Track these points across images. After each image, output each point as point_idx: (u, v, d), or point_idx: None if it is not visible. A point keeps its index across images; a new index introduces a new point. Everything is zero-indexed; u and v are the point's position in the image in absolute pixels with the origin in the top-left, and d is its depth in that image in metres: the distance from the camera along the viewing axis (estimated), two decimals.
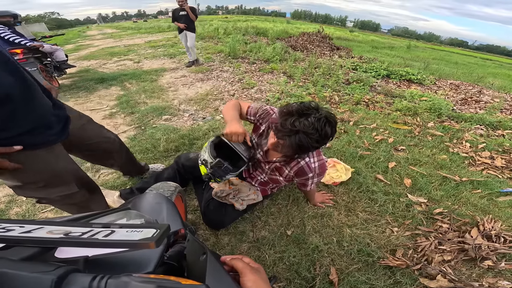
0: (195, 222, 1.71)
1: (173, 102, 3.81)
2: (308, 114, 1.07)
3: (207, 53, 7.27)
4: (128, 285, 0.33)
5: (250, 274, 0.54)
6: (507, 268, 1.54)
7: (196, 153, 1.81)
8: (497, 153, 2.86)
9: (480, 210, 2.01)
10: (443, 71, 8.26)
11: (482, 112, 4.29)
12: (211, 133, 2.85)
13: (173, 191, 1.18)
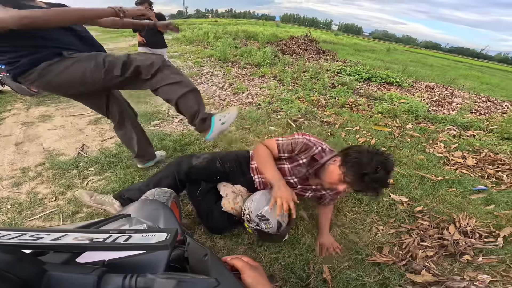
0: (190, 227, 1.66)
1: (161, 107, 3.53)
2: (378, 169, 1.12)
3: (197, 57, 6.86)
4: (154, 281, 0.35)
5: (249, 271, 0.56)
6: (485, 262, 1.57)
7: (198, 157, 1.63)
8: (468, 153, 2.92)
9: (456, 207, 2.04)
10: (419, 73, 8.34)
11: (454, 113, 4.36)
12: (202, 138, 2.67)
13: (169, 197, 1.13)
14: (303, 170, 1.44)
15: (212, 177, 1.72)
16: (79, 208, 1.76)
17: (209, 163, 1.59)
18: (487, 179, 2.45)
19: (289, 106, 3.55)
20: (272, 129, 2.97)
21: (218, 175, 1.68)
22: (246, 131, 2.93)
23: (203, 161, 1.59)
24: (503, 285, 1.45)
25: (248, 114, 3.29)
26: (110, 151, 2.39)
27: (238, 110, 2.07)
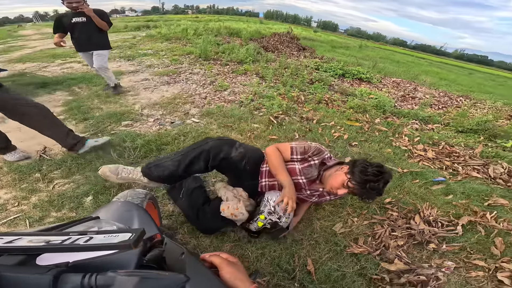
0: (171, 227, 1.55)
1: (133, 107, 3.17)
2: (380, 179, 1.21)
3: (174, 55, 6.13)
4: (115, 279, 0.33)
5: (227, 267, 0.53)
6: (449, 250, 1.60)
7: (237, 148, 1.42)
8: (428, 146, 2.94)
9: (420, 198, 2.04)
10: (387, 69, 8.38)
11: (417, 108, 4.38)
12: (181, 137, 2.48)
13: (143, 198, 1.03)
14: (313, 171, 1.42)
15: (227, 171, 1.58)
16: (47, 212, 1.59)
17: (240, 158, 1.41)
18: (445, 171, 2.48)
19: (270, 103, 3.43)
20: (254, 126, 2.86)
21: (232, 172, 1.54)
22: (229, 129, 2.79)
23: (239, 155, 1.39)
24: (466, 271, 1.48)
25: (231, 112, 3.13)
26: (78, 153, 2.13)
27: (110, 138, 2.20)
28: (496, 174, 2.40)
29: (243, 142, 1.55)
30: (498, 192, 2.19)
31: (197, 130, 2.65)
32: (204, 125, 2.82)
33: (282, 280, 1.33)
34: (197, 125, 2.82)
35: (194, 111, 3.20)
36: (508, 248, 1.64)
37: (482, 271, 1.47)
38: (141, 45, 7.20)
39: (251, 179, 1.53)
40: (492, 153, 2.88)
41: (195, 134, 2.55)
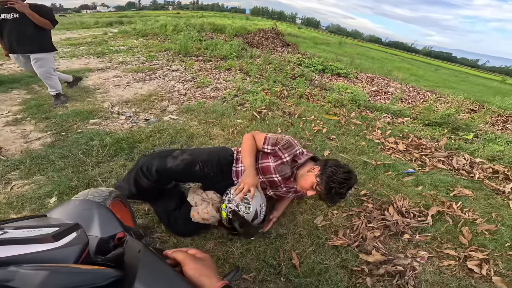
0: (148, 226, 1.43)
1: (102, 105, 2.85)
2: (344, 186, 1.20)
3: (150, 51, 5.53)
4: (16, 273, 0.29)
5: (191, 263, 0.48)
6: (422, 240, 1.58)
7: (175, 157, 1.30)
8: (399, 138, 2.93)
9: (393, 189, 2.01)
10: (363, 65, 8.35)
11: (388, 102, 4.37)
12: (157, 135, 2.27)
13: (107, 196, 0.93)
14: (286, 169, 1.34)
15: (187, 180, 1.49)
16: (6, 215, 1.44)
17: (187, 166, 1.30)
18: (414, 163, 2.48)
19: (254, 98, 3.29)
20: (238, 121, 2.73)
21: (191, 179, 1.44)
22: (210, 125, 2.61)
23: (181, 163, 1.29)
24: (438, 260, 1.47)
25: (213, 108, 2.95)
26: (38, 153, 1.90)
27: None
28: (459, 165, 2.43)
29: (195, 147, 1.49)
30: (462, 182, 2.22)
31: (175, 127, 2.46)
32: (183, 122, 2.62)
33: (268, 275, 1.27)
34: (175, 122, 2.61)
35: (172, 108, 2.97)
36: (474, 237, 1.65)
37: (453, 260, 1.47)
38: (112, 41, 6.50)
39: (224, 180, 1.42)
40: (455, 145, 2.92)
41: (172, 131, 2.36)
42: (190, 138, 2.33)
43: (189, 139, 2.31)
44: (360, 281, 1.29)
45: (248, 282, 1.22)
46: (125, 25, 9.03)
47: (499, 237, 1.66)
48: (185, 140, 2.27)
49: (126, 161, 1.87)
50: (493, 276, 1.38)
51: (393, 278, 1.31)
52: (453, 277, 1.39)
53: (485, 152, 2.75)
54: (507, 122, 4.52)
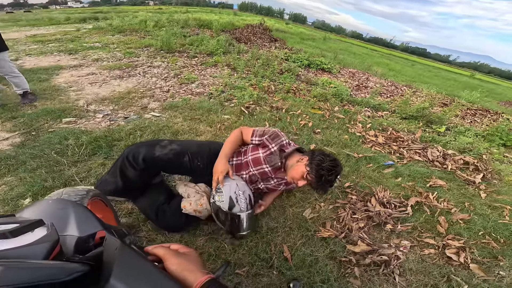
0: (133, 225, 1.32)
1: (77, 103, 2.55)
2: (333, 173, 1.17)
3: (128, 47, 4.96)
4: None
5: (172, 258, 0.45)
6: (403, 229, 1.56)
7: (163, 146, 1.21)
8: (379, 132, 2.90)
9: (374, 181, 1.98)
10: (346, 61, 8.25)
11: (369, 96, 4.31)
12: (137, 132, 2.08)
13: (84, 195, 0.85)
14: (276, 159, 1.28)
15: (174, 172, 1.39)
16: None
17: (176, 156, 1.20)
18: (393, 155, 2.46)
19: (242, 94, 3.13)
20: (225, 117, 2.58)
21: (180, 171, 1.34)
22: (196, 121, 2.43)
23: (170, 152, 1.19)
24: (420, 249, 1.46)
25: (199, 104, 2.74)
26: (6, 154, 1.70)
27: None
28: (433, 157, 2.43)
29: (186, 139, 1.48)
30: (436, 174, 2.22)
31: (157, 124, 2.26)
32: (166, 119, 2.41)
33: (261, 269, 1.21)
34: (157, 119, 2.40)
35: (154, 105, 2.72)
36: (450, 226, 1.65)
37: (433, 249, 1.47)
38: (86, 38, 5.77)
39: (212, 173, 1.33)
40: (429, 138, 2.93)
41: (154, 129, 2.17)
42: (175, 135, 2.15)
43: (174, 136, 2.14)
44: (349, 271, 1.26)
45: (241, 277, 1.16)
46: (100, 21, 8.11)
47: (472, 226, 1.67)
48: (169, 137, 2.10)
49: (105, 160, 1.71)
50: (470, 264, 1.39)
51: (379, 267, 1.29)
52: (434, 265, 1.38)
53: (456, 144, 2.78)
54: (475, 116, 4.60)
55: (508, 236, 1.63)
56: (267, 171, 1.31)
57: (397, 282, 1.24)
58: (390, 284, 1.24)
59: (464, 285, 1.28)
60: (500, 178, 2.38)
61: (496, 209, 1.90)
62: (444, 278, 1.31)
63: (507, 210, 1.86)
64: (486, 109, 5.04)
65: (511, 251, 1.52)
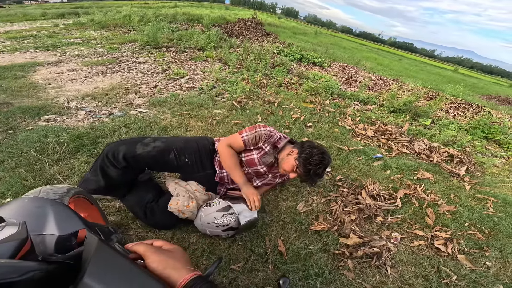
0: (121, 223, 1.25)
1: (56, 100, 2.37)
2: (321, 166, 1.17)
3: (112, 43, 4.63)
4: None
5: (153, 255, 0.42)
6: (393, 221, 1.56)
7: (146, 144, 1.14)
8: (368, 125, 2.90)
9: (364, 174, 1.97)
10: (336, 55, 8.20)
11: (358, 90, 4.29)
12: (123, 129, 1.95)
13: (65, 193, 0.79)
14: (269, 158, 1.27)
15: (160, 169, 1.33)
16: None
17: (160, 153, 1.14)
18: (382, 148, 2.46)
19: (233, 88, 3.04)
20: (217, 112, 2.49)
21: (166, 169, 1.28)
22: (186, 117, 2.31)
23: (153, 150, 1.12)
24: (410, 241, 1.46)
25: (188, 100, 2.61)
26: None
27: None
28: (420, 149, 2.44)
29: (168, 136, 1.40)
30: (423, 166, 2.23)
31: (144, 120, 2.14)
32: (154, 115, 2.28)
33: (256, 264, 1.18)
34: (144, 115, 2.27)
35: (140, 101, 2.57)
36: (438, 218, 1.66)
37: (423, 240, 1.47)
38: (66, 33, 5.31)
39: (204, 169, 1.28)
40: (416, 131, 2.94)
41: (141, 125, 2.05)
42: (163, 131, 2.05)
43: (162, 132, 2.04)
44: (342, 264, 1.25)
45: (236, 272, 1.13)
46: (81, 16, 7.39)
47: (458, 217, 1.69)
48: (157, 134, 2.00)
49: (89, 158, 1.61)
50: (458, 255, 1.40)
51: (371, 259, 1.29)
52: (424, 256, 1.39)
53: (441, 137, 2.81)
54: (458, 109, 4.67)
55: (492, 227, 1.66)
56: (262, 171, 1.30)
57: (389, 273, 1.24)
58: (382, 275, 1.24)
59: (453, 275, 1.29)
60: (482, 170, 2.43)
61: (480, 200, 1.93)
62: (434, 269, 1.32)
63: (490, 202, 1.90)
64: (469, 103, 5.13)
65: (495, 242, 1.54)
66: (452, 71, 17.71)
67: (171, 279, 0.40)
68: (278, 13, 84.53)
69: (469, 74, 22.83)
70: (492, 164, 2.58)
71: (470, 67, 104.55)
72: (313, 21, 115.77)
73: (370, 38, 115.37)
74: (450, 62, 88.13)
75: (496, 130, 3.43)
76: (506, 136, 3.38)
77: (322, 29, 26.25)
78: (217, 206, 1.17)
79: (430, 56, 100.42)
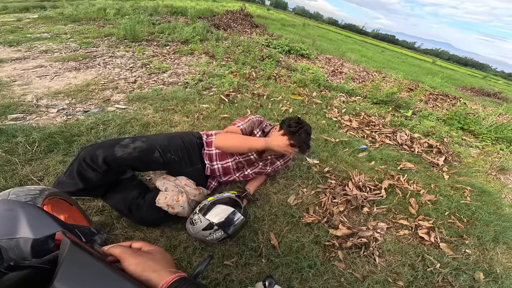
0: (105, 223, 1.16)
1: (24, 98, 2.13)
2: (302, 128, 1.21)
3: (85, 37, 4.19)
4: None
5: (130, 258, 0.39)
6: (379, 212, 1.55)
7: (124, 146, 1.01)
8: (353, 116, 2.86)
9: (350, 165, 1.95)
10: (323, 47, 8.05)
11: (343, 82, 4.20)
12: (100, 126, 1.80)
13: (37, 194, 0.71)
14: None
15: (146, 169, 1.23)
16: None
17: (143, 153, 1.02)
18: (366, 139, 2.43)
19: (221, 82, 2.88)
20: (204, 106, 2.34)
21: (152, 167, 1.17)
22: (170, 112, 2.16)
23: (134, 151, 1.00)
24: (395, 230, 1.46)
25: (172, 94, 2.42)
26: None
27: None
28: (402, 140, 2.44)
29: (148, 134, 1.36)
30: (406, 157, 2.23)
31: (123, 117, 1.97)
32: (134, 111, 2.10)
33: (250, 258, 1.14)
34: (123, 111, 2.09)
35: (118, 97, 2.35)
36: (420, 208, 1.66)
37: (407, 230, 1.47)
38: (31, 28, 4.71)
39: (193, 164, 1.21)
40: (398, 122, 2.94)
41: (120, 122, 1.88)
42: (145, 127, 1.90)
43: (144, 129, 1.88)
44: (333, 255, 1.24)
45: (230, 268, 1.08)
46: (48, 10, 6.53)
47: (439, 207, 1.70)
48: (138, 130, 1.84)
49: (65, 157, 1.47)
50: (440, 243, 1.41)
51: (359, 250, 1.28)
52: (409, 245, 1.39)
53: (421, 128, 2.82)
54: (436, 100, 4.73)
55: (470, 216, 1.69)
56: (253, 158, 1.29)
57: (377, 263, 1.24)
58: (371, 265, 1.24)
59: (437, 263, 1.30)
60: (459, 160, 2.46)
61: (458, 190, 1.95)
62: (419, 257, 1.33)
63: (467, 191, 1.92)
64: (446, 94, 5.21)
65: (473, 230, 1.57)
66: (430, 63, 17.94)
67: (151, 282, 0.37)
68: (267, 4, 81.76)
69: (446, 66, 23.27)
70: (468, 154, 2.62)
71: (447, 59, 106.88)
72: (301, 13, 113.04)
73: (355, 30, 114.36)
74: (429, 54, 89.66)
75: (471, 120, 3.50)
76: (480, 126, 3.44)
77: (310, 21, 25.60)
78: (200, 225, 1.07)
79: (410, 48, 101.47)
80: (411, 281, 1.20)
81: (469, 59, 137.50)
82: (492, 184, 2.19)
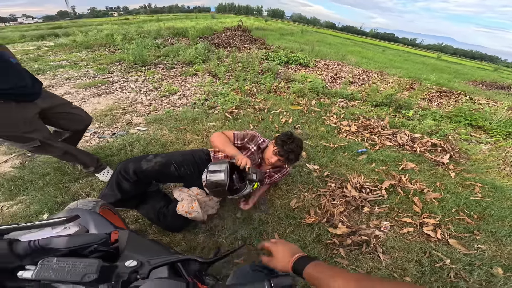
0: (141, 230, 1.38)
1: None
2: (292, 141, 1.35)
3: (100, 64, 4.54)
4: (51, 239, 0.43)
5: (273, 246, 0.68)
6: (381, 211, 1.62)
7: (149, 160, 1.26)
8: (352, 121, 2.92)
9: (350, 168, 2.04)
10: (322, 52, 8.07)
11: (342, 87, 4.29)
12: (127, 147, 2.05)
13: (94, 205, 0.92)
14: (255, 157, 1.43)
15: (166, 181, 1.46)
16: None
17: (162, 167, 1.27)
18: (366, 142, 2.51)
19: (224, 100, 3.08)
20: (210, 124, 2.55)
21: (170, 179, 1.40)
22: (183, 132, 2.38)
23: (155, 165, 1.25)
24: (399, 228, 1.52)
25: (183, 115, 2.65)
26: (12, 175, 1.70)
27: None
28: (403, 141, 2.50)
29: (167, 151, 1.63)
30: (407, 157, 2.27)
31: (144, 138, 2.21)
32: (153, 132, 2.35)
33: (257, 258, 1.26)
34: (144, 133, 2.35)
35: (138, 119, 2.62)
36: (425, 205, 1.71)
37: (412, 227, 1.52)
38: (51, 56, 5.13)
39: (199, 178, 1.38)
40: (398, 123, 2.98)
41: (143, 142, 2.14)
42: (164, 147, 2.13)
43: (163, 148, 2.13)
44: (335, 252, 1.33)
45: (240, 265, 1.21)
46: (61, 37, 7.11)
47: (445, 204, 1.73)
48: (159, 149, 2.10)
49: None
50: (449, 239, 1.44)
51: (361, 247, 1.36)
52: (415, 242, 1.44)
53: (423, 127, 2.84)
54: (441, 98, 4.68)
55: (481, 212, 1.68)
56: None
57: (381, 259, 1.31)
58: (375, 261, 1.30)
59: (446, 259, 1.32)
60: (468, 157, 2.43)
61: (467, 187, 1.95)
62: (426, 253, 1.37)
63: (478, 187, 1.91)
64: (451, 91, 5.12)
65: (486, 226, 1.57)
66: (435, 59, 17.46)
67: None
68: (264, 15, 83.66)
69: (452, 61, 22.50)
70: (478, 150, 2.57)
71: (453, 53, 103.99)
72: (298, 20, 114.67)
73: (353, 31, 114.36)
74: (432, 49, 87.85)
75: (478, 116, 3.43)
76: (490, 122, 3.34)
77: (307, 27, 25.86)
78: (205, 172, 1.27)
79: (412, 45, 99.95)
80: (418, 276, 1.24)
81: (475, 52, 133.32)
82: (506, 180, 2.14)
